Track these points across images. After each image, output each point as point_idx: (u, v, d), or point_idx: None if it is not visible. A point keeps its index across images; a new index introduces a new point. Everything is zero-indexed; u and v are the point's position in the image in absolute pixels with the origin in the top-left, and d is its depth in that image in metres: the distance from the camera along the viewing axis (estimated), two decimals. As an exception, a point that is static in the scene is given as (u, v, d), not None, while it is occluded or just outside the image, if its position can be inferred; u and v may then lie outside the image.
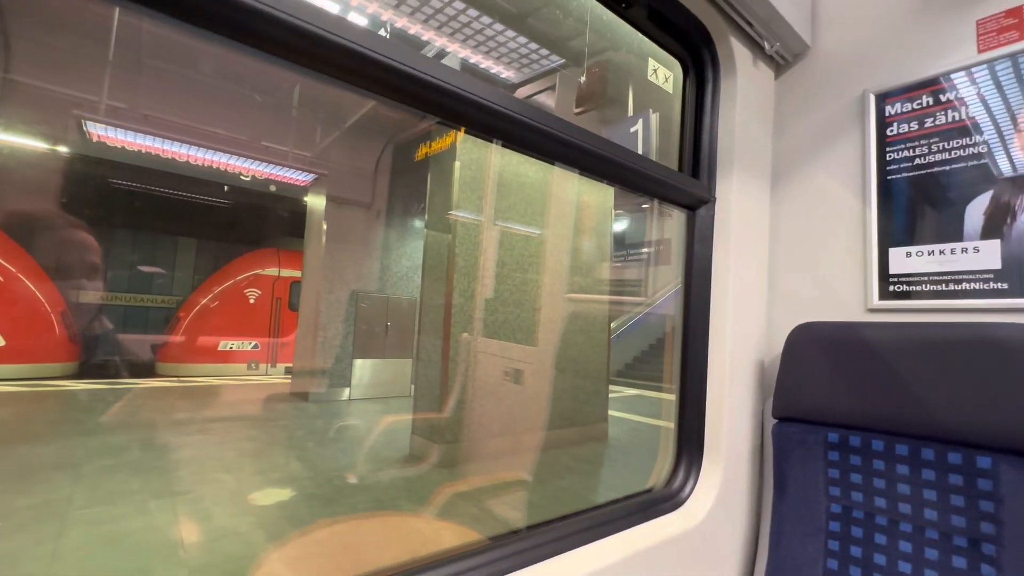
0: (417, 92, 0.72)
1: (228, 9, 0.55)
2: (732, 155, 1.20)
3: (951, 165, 1.06)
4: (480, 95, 0.76)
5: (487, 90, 0.77)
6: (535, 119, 0.83)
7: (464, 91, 0.74)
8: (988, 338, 0.88)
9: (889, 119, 1.14)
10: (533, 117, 0.83)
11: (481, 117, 0.79)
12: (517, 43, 4.99)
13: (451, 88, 0.73)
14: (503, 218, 5.07)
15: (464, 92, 0.74)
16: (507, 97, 0.80)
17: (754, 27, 1.18)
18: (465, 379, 4.67)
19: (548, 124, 0.85)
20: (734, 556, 1.16)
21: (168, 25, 0.56)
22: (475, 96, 0.76)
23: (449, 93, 0.73)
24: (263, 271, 10.33)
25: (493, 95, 0.78)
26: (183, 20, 0.55)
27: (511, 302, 5.03)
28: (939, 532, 0.91)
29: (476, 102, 0.76)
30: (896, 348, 0.98)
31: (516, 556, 0.84)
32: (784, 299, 1.28)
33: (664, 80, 1.28)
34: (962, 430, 0.89)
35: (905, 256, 1.10)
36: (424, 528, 3.26)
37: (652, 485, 1.19)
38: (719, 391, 1.16)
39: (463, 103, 0.76)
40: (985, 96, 1.03)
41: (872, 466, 1.00)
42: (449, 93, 0.73)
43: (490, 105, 0.78)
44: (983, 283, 1.00)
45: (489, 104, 0.77)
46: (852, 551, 0.99)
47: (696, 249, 1.21)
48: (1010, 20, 1.00)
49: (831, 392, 1.05)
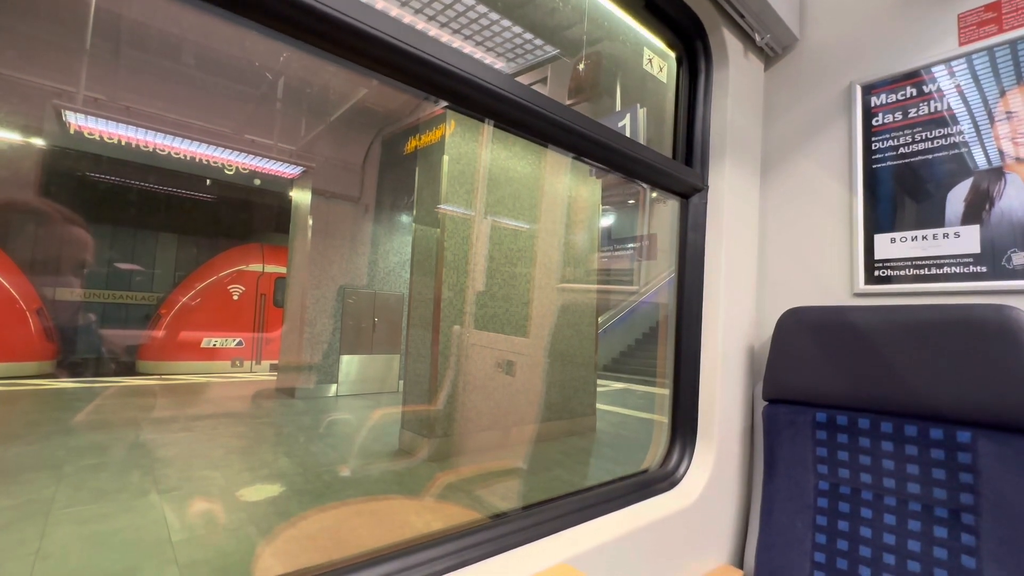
0: (411, 68, 0.71)
1: None
2: (724, 144, 1.23)
3: (933, 154, 1.10)
4: (480, 76, 0.76)
5: (487, 71, 0.77)
6: (534, 102, 0.84)
7: (464, 71, 0.74)
8: (967, 319, 0.92)
9: (874, 110, 1.18)
10: (532, 100, 0.84)
11: (480, 98, 0.79)
12: (512, 32, 4.98)
13: (451, 68, 0.72)
14: (491, 212, 5.08)
15: (464, 72, 0.74)
16: (507, 79, 0.81)
17: (745, 19, 1.21)
18: (454, 373, 4.68)
19: (546, 107, 0.86)
20: (727, 533, 1.19)
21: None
22: (475, 77, 0.75)
23: (449, 73, 0.73)
24: (247, 267, 10.18)
25: (493, 76, 0.78)
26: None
27: (499, 296, 5.04)
28: (921, 504, 0.95)
29: (476, 83, 0.76)
30: (881, 330, 1.01)
31: (516, 534, 0.86)
32: (773, 285, 1.31)
33: (659, 70, 1.30)
34: (943, 407, 0.93)
35: (889, 242, 1.14)
36: (419, 510, 3.27)
37: (647, 466, 1.22)
38: (712, 374, 1.19)
39: (463, 84, 0.75)
40: (965, 88, 1.07)
41: (858, 443, 1.03)
42: (449, 73, 0.73)
43: (489, 86, 0.77)
44: (963, 267, 1.04)
45: (488, 85, 0.77)
46: (839, 525, 1.03)
47: (689, 236, 1.23)
48: (990, 14, 1.04)
49: (819, 374, 1.08)
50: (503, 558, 0.80)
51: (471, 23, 4.90)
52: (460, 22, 4.92)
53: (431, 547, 0.78)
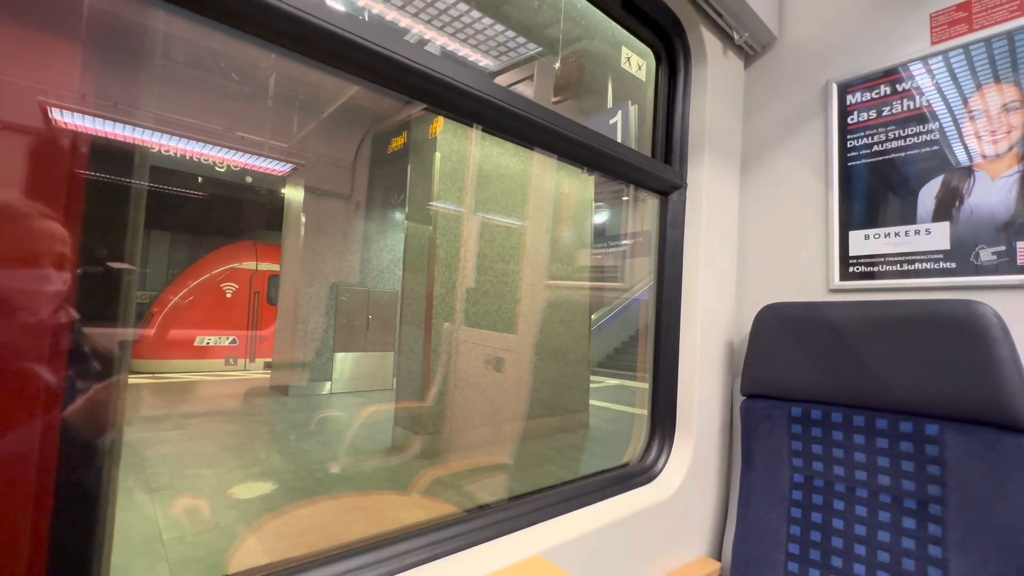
0: (399, 76, 0.73)
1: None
2: (703, 142, 1.24)
3: (906, 152, 1.11)
4: (461, 80, 0.78)
5: (468, 76, 0.79)
6: (515, 105, 0.85)
7: (445, 76, 0.76)
8: (936, 314, 0.94)
9: (850, 108, 1.20)
10: (513, 103, 0.85)
11: (462, 102, 0.81)
12: (495, 30, 4.98)
13: (433, 73, 0.74)
14: (484, 209, 5.08)
15: (445, 77, 0.76)
16: (488, 83, 0.82)
17: (724, 18, 1.22)
18: (447, 370, 4.69)
19: (528, 110, 0.87)
20: (705, 525, 1.21)
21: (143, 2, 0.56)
22: (456, 81, 0.77)
23: (431, 78, 0.74)
24: (240, 264, 10.13)
25: (474, 80, 0.80)
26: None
27: (492, 293, 5.05)
28: (891, 496, 0.97)
29: (457, 87, 0.78)
30: (854, 326, 1.03)
31: (495, 526, 0.87)
32: (752, 281, 1.33)
33: (637, 68, 1.31)
34: (913, 400, 0.95)
35: (864, 239, 1.15)
36: (406, 505, 3.28)
37: (627, 460, 1.23)
38: (690, 369, 1.21)
39: (444, 88, 0.77)
40: (936, 87, 1.09)
41: (832, 437, 1.05)
42: (431, 78, 0.74)
43: (470, 91, 0.79)
44: (933, 263, 1.06)
45: (469, 90, 0.79)
46: (813, 517, 1.05)
47: (668, 233, 1.25)
48: (960, 13, 1.06)
49: (795, 369, 1.10)
50: (477, 551, 0.82)
51: (455, 20, 4.90)
52: (443, 19, 4.92)
53: (406, 539, 0.79)
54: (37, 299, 0.60)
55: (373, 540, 0.78)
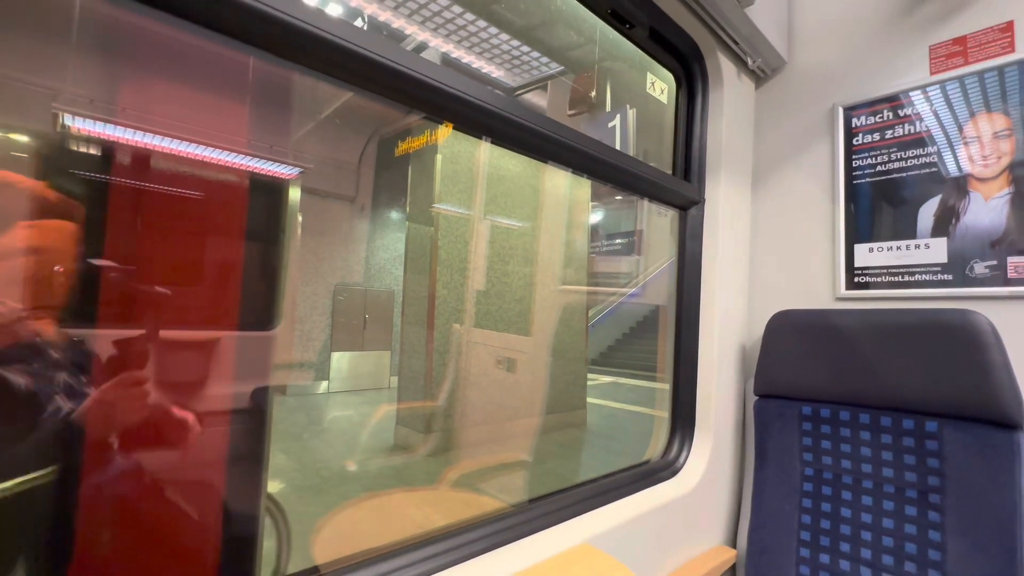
0: (413, 91, 0.74)
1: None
2: (719, 160, 1.33)
3: (907, 172, 1.22)
4: (473, 94, 0.79)
5: (481, 89, 0.80)
6: (536, 123, 0.88)
7: (457, 90, 0.77)
8: (935, 322, 1.04)
9: (855, 130, 1.29)
10: (534, 121, 0.88)
11: (474, 115, 0.82)
12: (521, 51, 5.13)
13: (445, 87, 0.75)
14: (484, 211, 5.15)
15: (457, 91, 0.77)
16: (502, 97, 0.83)
17: (739, 44, 1.31)
18: (450, 369, 4.76)
19: (548, 127, 0.90)
20: (722, 516, 1.31)
21: (140, 13, 0.54)
22: (467, 95, 0.78)
23: (443, 92, 0.75)
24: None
25: (486, 95, 0.81)
26: (154, 6, 0.55)
27: (492, 293, 5.13)
28: (895, 487, 1.07)
29: (469, 101, 0.78)
30: (860, 332, 1.13)
31: (539, 519, 0.95)
32: (764, 289, 1.43)
33: (660, 92, 1.40)
34: (914, 400, 1.05)
35: (868, 251, 1.25)
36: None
37: (649, 457, 1.32)
38: (708, 372, 1.30)
39: (456, 102, 0.78)
40: (934, 113, 1.19)
41: (840, 434, 1.15)
42: (443, 92, 0.75)
43: (482, 104, 0.80)
44: (932, 275, 1.17)
45: (481, 103, 0.80)
46: (823, 507, 1.15)
47: (688, 245, 1.34)
48: (957, 47, 1.16)
49: (805, 371, 1.20)
50: (528, 541, 0.90)
51: (473, 35, 5.02)
52: (462, 34, 5.03)
53: (442, 540, 0.86)
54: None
55: (431, 534, 0.86)
